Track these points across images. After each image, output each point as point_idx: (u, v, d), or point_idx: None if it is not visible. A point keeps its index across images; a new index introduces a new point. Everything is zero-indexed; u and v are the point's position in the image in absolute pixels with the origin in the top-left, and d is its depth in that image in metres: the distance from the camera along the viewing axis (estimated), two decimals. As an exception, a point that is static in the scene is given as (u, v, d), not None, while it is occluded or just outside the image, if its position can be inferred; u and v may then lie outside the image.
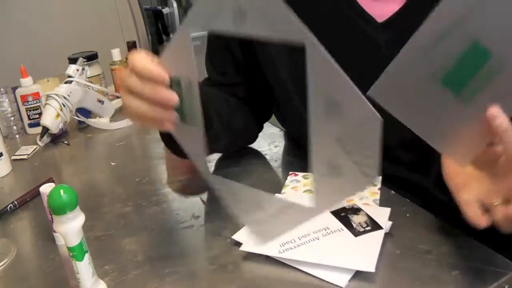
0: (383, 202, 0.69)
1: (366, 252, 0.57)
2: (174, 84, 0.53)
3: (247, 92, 0.86)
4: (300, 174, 0.79)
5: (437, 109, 0.47)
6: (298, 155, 0.88)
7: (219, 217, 0.69)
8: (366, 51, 0.71)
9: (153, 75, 0.52)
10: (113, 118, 1.19)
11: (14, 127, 1.15)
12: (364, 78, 0.73)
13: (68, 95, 1.06)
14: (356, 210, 0.65)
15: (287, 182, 0.78)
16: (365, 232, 0.61)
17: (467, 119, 0.47)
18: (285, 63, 0.76)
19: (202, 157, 0.53)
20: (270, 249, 0.59)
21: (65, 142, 1.08)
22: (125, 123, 1.15)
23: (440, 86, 0.45)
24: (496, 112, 0.45)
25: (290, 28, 0.44)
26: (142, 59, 0.53)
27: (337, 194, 0.47)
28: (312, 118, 0.45)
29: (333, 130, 0.44)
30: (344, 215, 0.64)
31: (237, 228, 0.65)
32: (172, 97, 0.52)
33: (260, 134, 0.93)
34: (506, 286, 0.53)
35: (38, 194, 0.81)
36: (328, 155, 0.46)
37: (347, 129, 0.44)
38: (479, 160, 0.50)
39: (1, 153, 0.93)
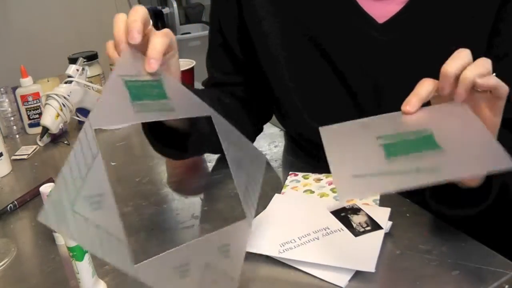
0: (383, 202, 0.69)
1: (366, 252, 0.57)
2: None
3: (248, 92, 0.85)
4: (300, 174, 0.79)
5: None
6: (298, 155, 0.88)
7: (219, 217, 0.69)
8: (366, 52, 0.71)
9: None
10: (113, 118, 1.19)
11: (14, 127, 1.15)
12: (364, 79, 0.73)
13: (68, 95, 1.06)
14: (356, 210, 0.65)
15: (287, 182, 0.78)
16: (365, 232, 0.61)
17: None
18: (284, 63, 0.76)
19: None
20: (270, 249, 0.59)
21: (65, 142, 1.08)
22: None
23: None
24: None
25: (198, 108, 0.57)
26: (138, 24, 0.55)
27: None
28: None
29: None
30: (344, 215, 0.64)
31: (237, 228, 0.65)
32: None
33: (260, 134, 0.93)
34: (506, 286, 0.53)
35: (38, 194, 0.82)
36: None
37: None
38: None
39: (1, 153, 0.93)
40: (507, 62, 0.73)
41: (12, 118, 1.15)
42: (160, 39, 0.55)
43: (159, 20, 3.29)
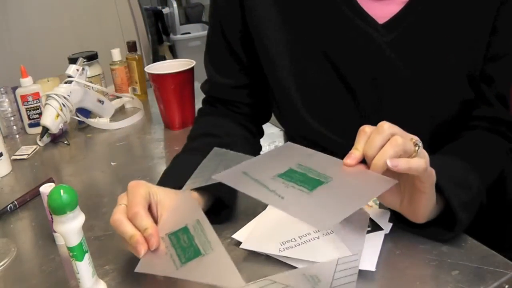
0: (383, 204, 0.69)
1: (366, 252, 0.57)
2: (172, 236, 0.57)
3: (250, 95, 0.85)
4: (300, 174, 0.79)
5: None
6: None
7: (219, 217, 0.69)
8: (367, 52, 0.71)
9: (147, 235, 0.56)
10: (113, 118, 1.19)
11: (14, 127, 1.15)
12: (365, 79, 0.73)
13: (68, 95, 1.06)
14: (356, 210, 0.65)
15: (287, 182, 0.77)
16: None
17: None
18: (285, 63, 0.76)
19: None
20: (270, 248, 0.59)
21: (65, 142, 1.08)
22: (125, 123, 1.15)
23: None
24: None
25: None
26: (142, 216, 0.57)
27: None
28: None
29: None
30: (344, 215, 0.64)
31: (237, 228, 0.65)
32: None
33: (260, 134, 0.93)
34: (506, 286, 0.53)
35: (38, 194, 0.82)
36: None
37: None
38: None
39: (1, 153, 0.93)
40: (506, 61, 0.73)
41: (12, 118, 1.15)
42: (147, 221, 0.57)
43: (159, 20, 3.29)
